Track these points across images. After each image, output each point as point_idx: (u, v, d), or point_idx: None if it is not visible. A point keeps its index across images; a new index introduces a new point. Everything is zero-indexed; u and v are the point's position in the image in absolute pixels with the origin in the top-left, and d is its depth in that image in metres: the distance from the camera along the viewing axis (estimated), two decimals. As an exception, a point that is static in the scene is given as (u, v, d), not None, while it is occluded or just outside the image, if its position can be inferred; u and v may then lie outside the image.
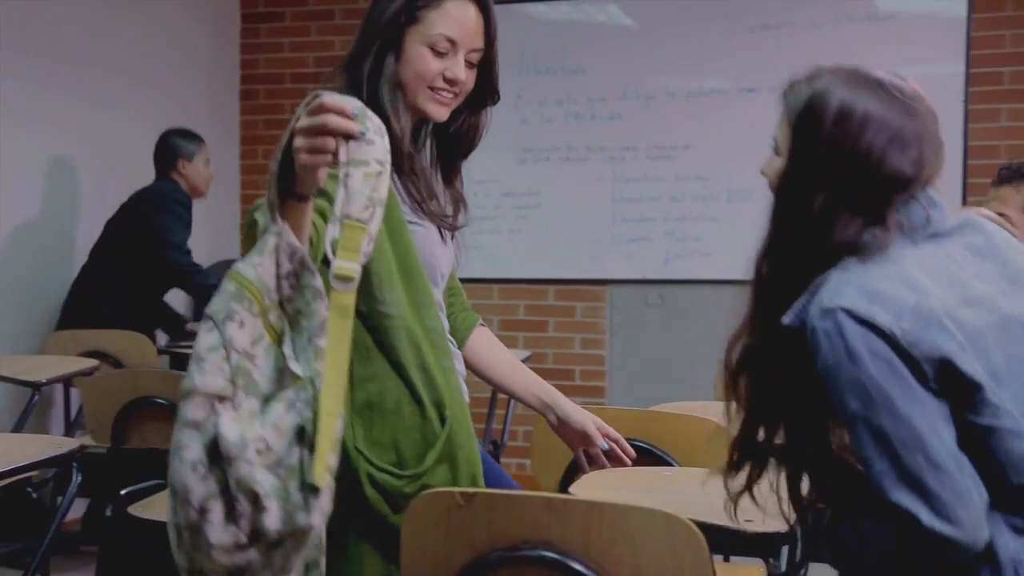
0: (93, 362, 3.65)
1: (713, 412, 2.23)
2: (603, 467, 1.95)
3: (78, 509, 4.34)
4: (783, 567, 1.64)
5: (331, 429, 1.26)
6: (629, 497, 1.68)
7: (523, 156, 5.21)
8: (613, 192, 5.16)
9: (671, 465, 2.11)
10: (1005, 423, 1.36)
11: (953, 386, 1.36)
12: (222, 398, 1.28)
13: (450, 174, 1.94)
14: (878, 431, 1.36)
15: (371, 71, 1.77)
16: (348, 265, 1.26)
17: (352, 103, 1.28)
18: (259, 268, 1.31)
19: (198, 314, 4.42)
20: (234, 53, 5.73)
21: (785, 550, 1.73)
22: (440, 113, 1.82)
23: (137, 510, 3.08)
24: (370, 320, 1.66)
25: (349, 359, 1.29)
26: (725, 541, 1.56)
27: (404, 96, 1.79)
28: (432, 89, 1.79)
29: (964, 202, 4.58)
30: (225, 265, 5.95)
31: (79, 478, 2.40)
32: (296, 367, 1.29)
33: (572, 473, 2.02)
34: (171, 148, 4.45)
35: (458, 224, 1.91)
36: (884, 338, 1.36)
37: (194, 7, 5.44)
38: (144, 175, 4.48)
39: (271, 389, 1.30)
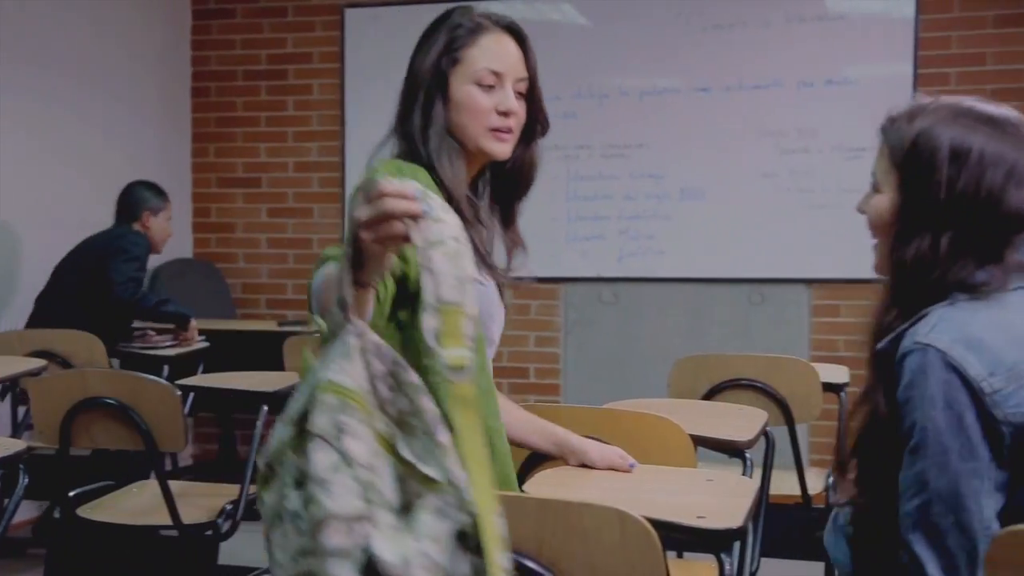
0: (40, 362, 3.59)
1: (666, 409, 2.24)
2: None
3: (28, 512, 4.28)
4: (735, 563, 1.65)
5: (495, 528, 1.17)
6: (582, 495, 1.69)
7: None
8: (568, 190, 5.17)
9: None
10: None
11: None
12: (360, 518, 1.16)
13: (509, 216, 1.92)
14: (921, 476, 1.36)
15: (422, 124, 1.77)
16: (458, 353, 1.16)
17: (412, 185, 1.18)
18: (352, 374, 1.20)
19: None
20: (185, 50, 5.67)
21: (737, 546, 1.75)
22: (503, 150, 1.80)
23: (86, 512, 3.04)
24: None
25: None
26: (678, 538, 1.57)
27: (463, 141, 1.77)
28: (491, 129, 1.78)
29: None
30: (179, 264, 5.90)
31: (26, 480, 2.36)
32: (429, 470, 1.19)
33: (526, 471, 2.02)
34: (138, 199, 4.41)
35: (516, 274, 1.88)
36: (969, 390, 1.35)
37: (144, 4, 5.37)
38: (93, 176, 4.41)
39: (399, 499, 1.19)
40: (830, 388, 3.37)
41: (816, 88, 4.88)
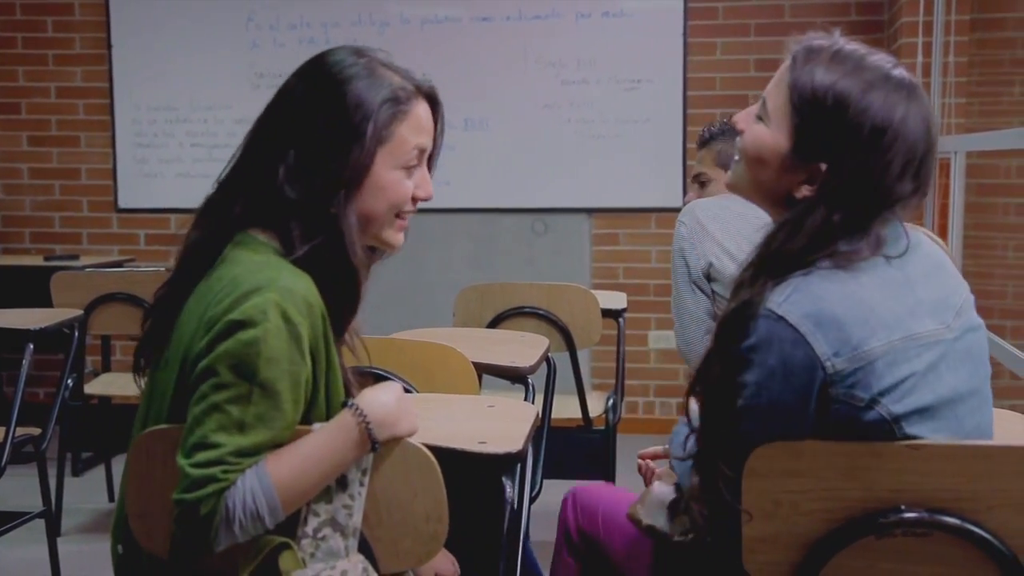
0: None
1: (451, 338, 2.26)
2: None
3: None
4: (516, 485, 1.70)
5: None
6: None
7: (256, 82, 5.03)
8: (350, 120, 5.08)
9: (410, 392, 2.13)
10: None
11: (856, 423, 1.39)
12: None
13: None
14: (746, 436, 1.41)
15: (315, 198, 1.47)
16: None
17: None
18: None
19: None
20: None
21: (519, 469, 1.79)
22: (401, 241, 1.61)
23: None
24: None
25: None
26: (459, 463, 1.59)
27: (362, 230, 1.53)
28: (399, 216, 1.57)
29: (685, 139, 4.83)
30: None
31: None
32: None
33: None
34: None
35: None
36: (809, 367, 1.37)
37: None
38: None
39: None
40: (609, 314, 3.48)
41: (593, 19, 4.96)
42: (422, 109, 1.57)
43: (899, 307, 1.42)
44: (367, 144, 1.49)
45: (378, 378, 2.01)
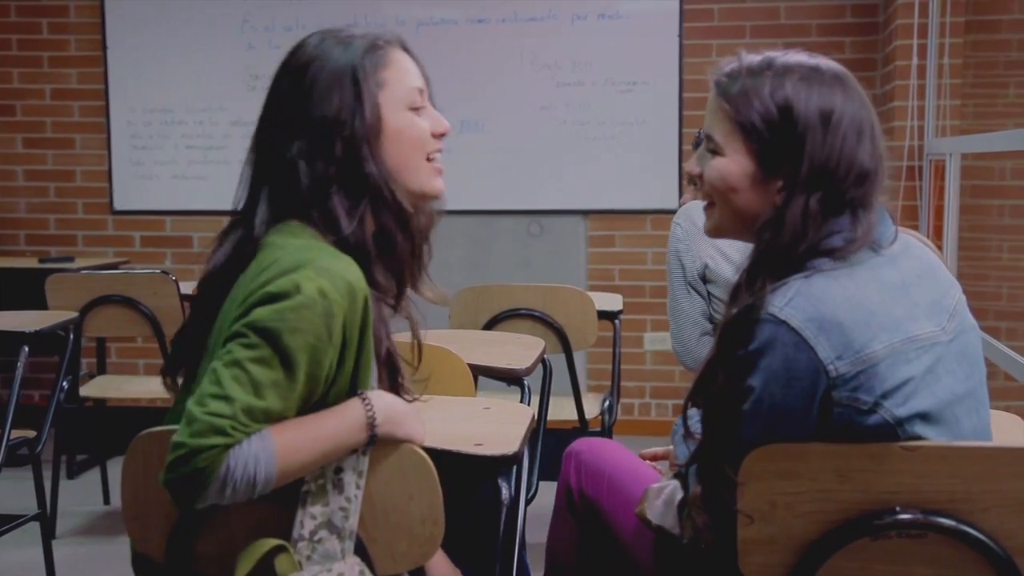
0: None
1: (447, 340, 2.26)
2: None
3: None
4: (512, 487, 1.70)
5: None
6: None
7: (252, 84, 5.04)
8: (346, 121, 5.07)
9: (405, 394, 2.13)
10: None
11: (860, 427, 1.40)
12: None
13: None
14: (749, 438, 1.42)
15: (348, 177, 1.50)
16: None
17: None
18: None
19: None
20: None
21: (514, 471, 1.79)
22: (441, 187, 1.60)
23: None
24: None
25: None
26: (455, 465, 1.59)
27: (402, 188, 1.54)
28: (428, 159, 1.58)
29: (681, 141, 4.83)
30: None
31: None
32: None
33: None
34: None
35: None
36: (813, 371, 1.37)
37: None
38: None
39: None
40: (605, 316, 3.48)
41: (589, 21, 4.97)
42: (400, 54, 1.60)
43: (898, 309, 1.42)
44: (368, 96, 1.52)
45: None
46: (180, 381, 1.59)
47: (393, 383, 1.63)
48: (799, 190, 1.45)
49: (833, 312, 1.39)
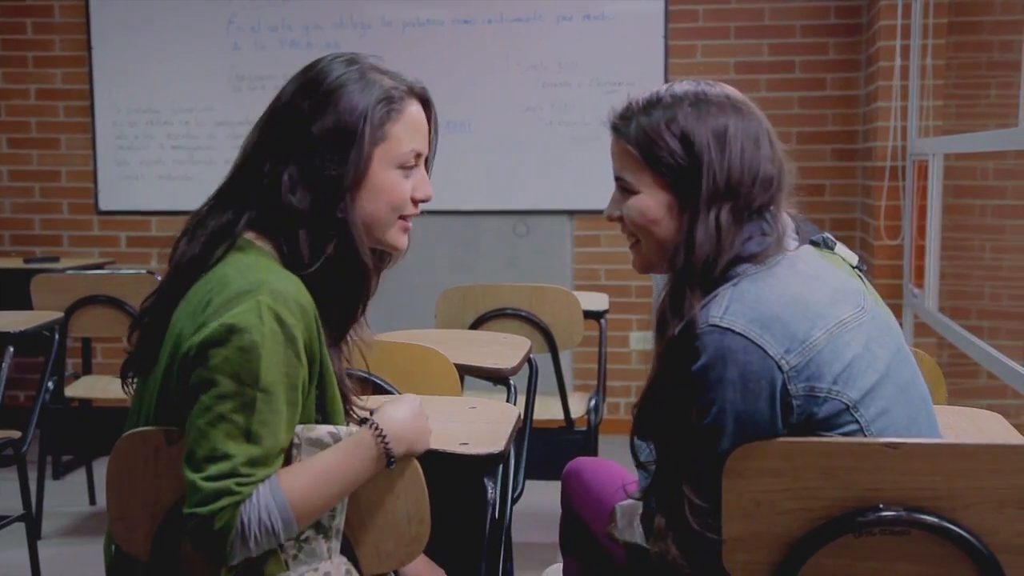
0: None
1: (433, 340, 2.27)
2: None
3: None
4: (498, 486, 1.70)
5: None
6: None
7: (238, 84, 5.03)
8: (332, 122, 5.07)
9: (391, 393, 2.13)
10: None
11: (819, 416, 1.43)
12: None
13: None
14: (718, 450, 1.43)
15: (320, 208, 1.48)
16: None
17: None
18: None
19: None
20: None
21: (500, 470, 1.80)
22: (404, 243, 1.63)
23: None
24: None
25: None
26: (441, 465, 1.60)
27: (368, 235, 1.55)
28: (400, 218, 1.58)
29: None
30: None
31: None
32: None
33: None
34: None
35: None
36: (767, 370, 1.40)
37: None
38: None
39: None
40: (591, 315, 3.49)
41: (574, 22, 4.98)
42: (415, 109, 1.58)
43: (822, 297, 1.47)
44: (364, 145, 1.50)
45: (360, 381, 2.01)
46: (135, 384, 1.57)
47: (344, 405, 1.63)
48: (704, 207, 1.49)
49: (771, 310, 1.42)
